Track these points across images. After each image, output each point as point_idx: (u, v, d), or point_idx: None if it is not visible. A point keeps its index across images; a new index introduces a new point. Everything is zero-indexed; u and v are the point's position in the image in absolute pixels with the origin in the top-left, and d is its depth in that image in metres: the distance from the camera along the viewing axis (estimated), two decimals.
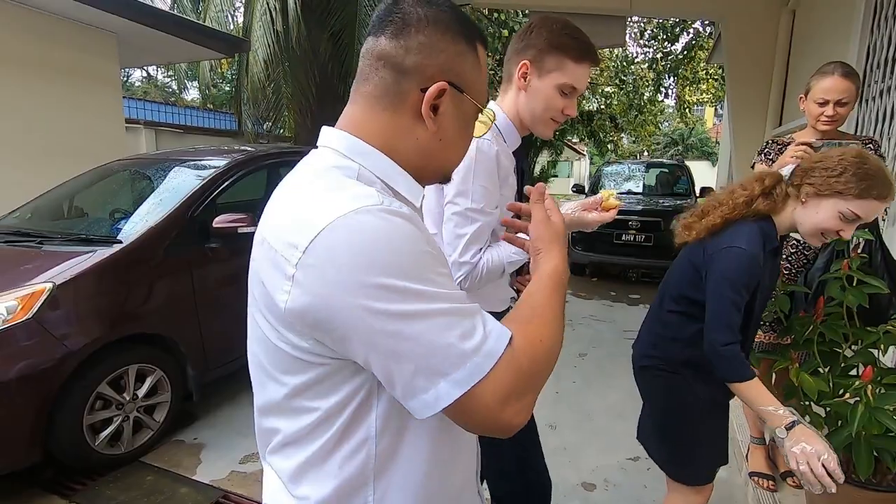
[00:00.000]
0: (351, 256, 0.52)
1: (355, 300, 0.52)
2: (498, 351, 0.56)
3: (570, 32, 1.18)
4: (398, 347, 0.53)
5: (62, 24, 4.78)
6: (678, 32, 10.89)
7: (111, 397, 2.36)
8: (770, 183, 1.34)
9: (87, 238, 2.61)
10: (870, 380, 1.35)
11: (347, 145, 0.64)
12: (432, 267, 0.56)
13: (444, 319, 0.54)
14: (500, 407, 0.55)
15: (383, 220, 0.54)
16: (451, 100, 0.64)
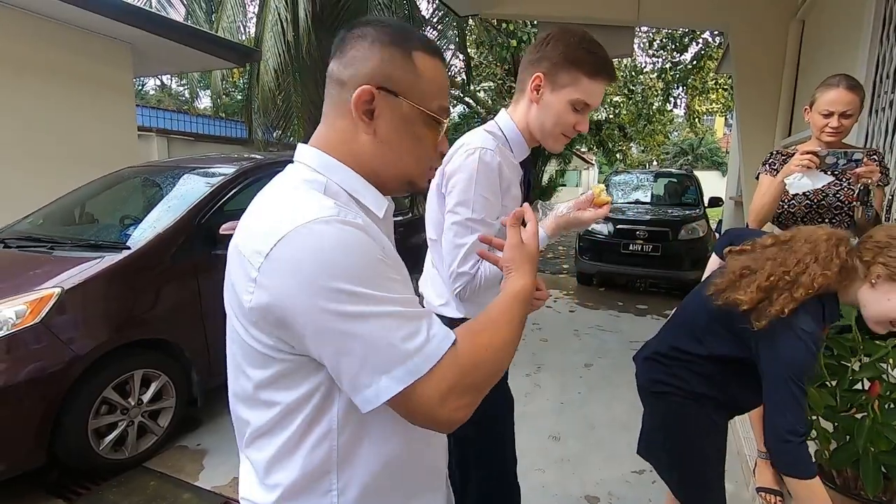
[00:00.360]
0: (307, 261, 0.58)
1: (309, 300, 0.58)
2: (438, 353, 0.61)
3: (587, 47, 1.16)
4: (346, 345, 0.59)
5: (78, 34, 4.89)
6: (687, 42, 10.89)
7: (116, 402, 2.38)
8: (846, 256, 1.13)
9: (97, 244, 2.65)
10: (877, 395, 1.32)
11: (317, 161, 0.71)
12: (383, 273, 0.62)
13: (390, 321, 0.60)
14: (439, 403, 0.61)
15: (338, 230, 0.60)
16: (385, 103, 0.70)
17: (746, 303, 1.15)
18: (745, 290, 1.17)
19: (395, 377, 0.59)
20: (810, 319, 1.11)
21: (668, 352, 1.39)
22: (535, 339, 4.36)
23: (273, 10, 7.81)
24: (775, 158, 2.02)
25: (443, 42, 11.83)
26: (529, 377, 3.58)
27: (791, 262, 1.14)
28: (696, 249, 5.70)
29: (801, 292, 1.10)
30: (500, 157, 1.20)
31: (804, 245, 1.16)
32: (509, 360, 0.71)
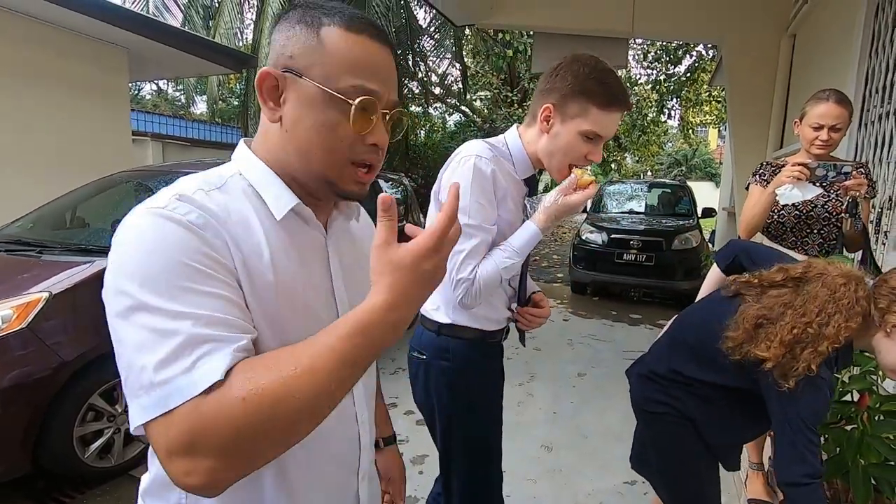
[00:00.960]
0: (113, 253, 0.55)
1: (104, 293, 0.55)
2: (191, 390, 0.48)
3: (597, 77, 1.14)
4: (117, 352, 0.53)
5: (73, 38, 4.89)
6: (681, 55, 11.03)
7: (103, 409, 2.34)
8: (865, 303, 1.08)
9: (87, 248, 2.62)
10: (866, 407, 1.32)
11: (237, 153, 0.69)
12: (180, 280, 0.52)
13: (151, 337, 0.50)
14: (165, 455, 0.49)
15: (151, 223, 0.54)
16: (291, 87, 0.62)
17: (771, 360, 1.07)
18: (765, 344, 1.09)
19: (144, 405, 0.49)
20: (825, 367, 1.07)
21: (666, 373, 1.36)
22: (529, 348, 4.35)
23: (270, 17, 7.85)
24: (765, 169, 2.04)
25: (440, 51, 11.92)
26: (522, 386, 3.57)
27: (812, 312, 1.07)
28: (689, 260, 5.72)
29: (826, 345, 1.04)
30: (494, 166, 1.20)
31: (822, 290, 1.10)
32: (311, 420, 0.52)
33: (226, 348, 0.51)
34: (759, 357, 1.09)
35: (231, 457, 0.49)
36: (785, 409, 1.08)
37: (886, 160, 2.35)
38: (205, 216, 0.57)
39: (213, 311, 0.53)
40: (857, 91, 2.73)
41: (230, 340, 0.52)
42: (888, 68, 2.44)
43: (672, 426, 1.35)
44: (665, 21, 4.45)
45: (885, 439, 1.32)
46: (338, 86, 0.61)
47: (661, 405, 1.36)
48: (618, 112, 1.17)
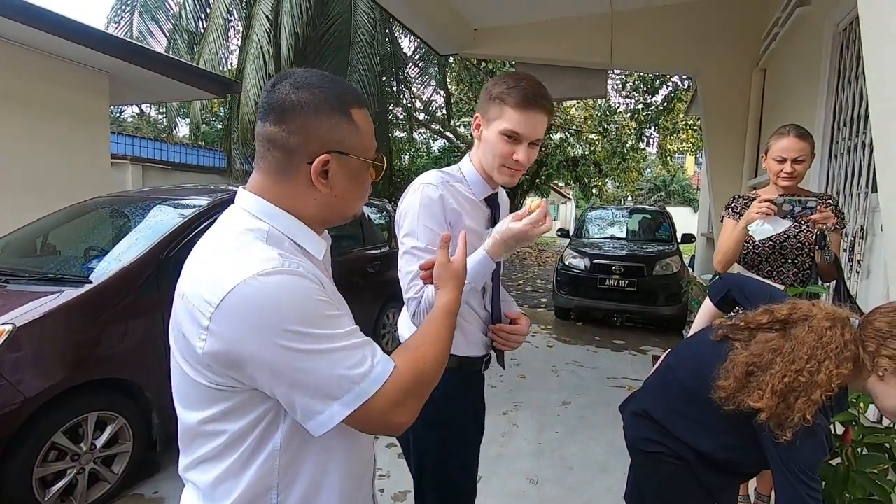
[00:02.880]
0: (255, 310, 0.66)
1: (261, 344, 0.66)
2: (383, 377, 0.71)
3: (511, 82, 1.21)
4: (299, 380, 0.67)
5: (53, 62, 4.84)
6: (658, 85, 11.39)
7: (67, 448, 2.22)
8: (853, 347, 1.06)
9: (56, 277, 2.53)
10: (850, 442, 1.32)
11: (259, 208, 0.77)
12: (325, 312, 0.70)
13: (338, 355, 0.69)
14: (387, 415, 0.72)
15: (279, 279, 0.67)
16: (337, 163, 0.77)
17: (764, 411, 1.06)
18: (758, 394, 1.08)
19: (346, 402, 0.69)
20: (821, 415, 1.05)
21: (661, 417, 1.34)
22: (513, 376, 4.30)
23: (255, 44, 7.91)
24: (737, 202, 2.11)
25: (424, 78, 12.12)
26: (507, 415, 3.51)
27: (801, 359, 1.06)
28: (670, 285, 5.79)
29: (819, 393, 1.03)
30: (443, 191, 1.24)
31: (809, 335, 1.08)
32: (444, 364, 0.82)
33: (376, 345, 0.75)
34: (753, 408, 1.07)
35: (423, 396, 0.77)
36: (784, 458, 1.06)
37: (857, 191, 2.42)
38: (303, 264, 0.72)
39: (349, 326, 0.73)
40: (825, 124, 2.83)
41: (372, 341, 0.75)
42: (854, 102, 2.53)
43: (667, 466, 1.32)
44: (642, 54, 4.59)
45: (870, 474, 1.31)
46: (370, 154, 0.81)
47: (656, 444, 1.34)
48: (532, 112, 1.20)
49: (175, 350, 0.75)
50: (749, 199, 2.06)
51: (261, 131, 0.77)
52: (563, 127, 15.66)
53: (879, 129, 1.30)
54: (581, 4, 4.39)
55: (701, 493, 1.30)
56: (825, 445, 1.05)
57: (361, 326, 0.77)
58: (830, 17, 2.75)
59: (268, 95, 0.76)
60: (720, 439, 1.23)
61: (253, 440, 0.73)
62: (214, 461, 0.75)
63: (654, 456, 1.34)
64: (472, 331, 1.34)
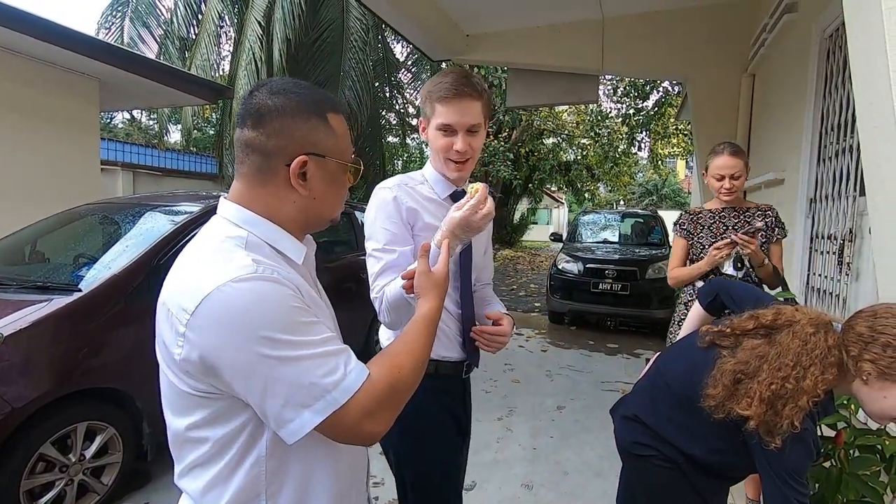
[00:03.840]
0: (228, 316, 0.67)
1: (235, 350, 0.66)
2: (354, 387, 0.71)
3: (437, 79, 1.27)
4: (270, 387, 0.68)
5: (43, 68, 4.80)
6: (648, 91, 11.50)
7: (55, 459, 2.18)
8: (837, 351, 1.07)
9: (45, 285, 2.50)
10: (843, 444, 1.32)
11: (239, 216, 0.79)
12: (300, 319, 0.70)
13: (309, 363, 0.69)
14: (359, 426, 0.72)
15: (253, 286, 0.68)
16: (315, 165, 0.79)
17: (753, 418, 1.06)
18: (746, 401, 1.09)
19: (317, 410, 0.69)
20: (809, 420, 1.06)
21: (653, 422, 1.35)
22: (507, 381, 4.29)
23: (248, 50, 7.90)
24: (685, 219, 2.28)
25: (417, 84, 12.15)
26: (501, 421, 3.50)
27: (787, 366, 1.07)
28: (663, 288, 5.81)
29: (806, 399, 1.04)
30: (397, 192, 1.28)
31: (793, 341, 1.09)
32: (422, 373, 0.82)
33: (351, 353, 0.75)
34: (742, 416, 1.08)
35: (398, 405, 0.77)
36: (773, 465, 1.07)
37: (845, 194, 2.45)
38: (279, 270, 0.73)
39: (325, 333, 0.73)
40: (813, 128, 2.86)
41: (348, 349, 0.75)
42: (842, 107, 2.56)
43: (658, 469, 1.32)
44: (632, 60, 4.63)
45: (863, 476, 1.31)
46: (347, 157, 0.83)
47: (647, 448, 1.34)
48: (459, 101, 1.23)
49: (160, 358, 0.77)
50: (696, 215, 2.24)
51: (239, 137, 0.79)
52: (555, 132, 15.75)
53: (866, 133, 1.32)
54: (572, 11, 4.42)
55: (692, 496, 1.31)
56: (812, 451, 1.07)
57: (354, 333, 0.77)
58: (817, 24, 2.79)
59: (245, 102, 0.79)
60: (710, 444, 1.24)
61: (239, 446, 0.74)
62: (203, 468, 0.76)
63: (645, 459, 1.35)
64: (448, 332, 1.33)
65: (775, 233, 2.12)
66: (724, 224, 2.17)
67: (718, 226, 2.18)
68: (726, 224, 2.16)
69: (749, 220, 2.12)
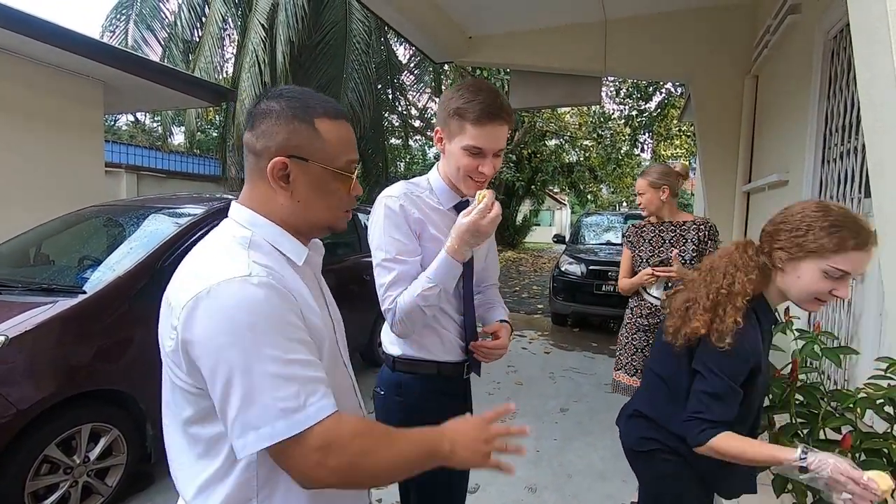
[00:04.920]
0: (215, 315, 0.68)
1: (210, 348, 0.68)
2: (305, 423, 0.67)
3: (469, 96, 1.20)
4: (228, 394, 0.67)
5: (47, 71, 4.83)
6: (651, 92, 11.48)
7: (60, 460, 2.19)
8: (756, 256, 1.25)
9: (50, 287, 2.51)
10: (849, 447, 1.32)
11: (245, 217, 0.82)
12: (281, 332, 0.69)
13: (269, 381, 0.67)
14: (301, 466, 0.68)
15: (243, 288, 0.69)
16: (298, 169, 0.80)
17: (702, 326, 1.22)
18: (695, 319, 1.25)
19: (261, 435, 0.67)
20: (749, 319, 1.22)
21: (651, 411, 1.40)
22: (510, 383, 4.29)
23: (251, 53, 7.93)
24: (630, 231, 2.56)
25: (419, 86, 12.17)
26: (504, 423, 3.49)
27: (719, 278, 1.26)
28: None
29: (740, 300, 1.21)
30: (403, 202, 1.26)
31: (721, 259, 1.30)
32: (384, 480, 0.76)
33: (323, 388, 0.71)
34: (694, 329, 1.23)
35: (350, 472, 0.71)
36: (706, 358, 1.22)
37: (850, 196, 2.44)
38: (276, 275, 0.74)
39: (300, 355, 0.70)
40: (817, 129, 2.85)
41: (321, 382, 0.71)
42: (846, 109, 2.55)
43: (664, 463, 1.36)
44: (635, 62, 4.63)
45: None
46: (338, 164, 0.82)
47: (651, 441, 1.38)
48: (492, 125, 1.20)
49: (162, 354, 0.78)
50: (640, 228, 2.52)
51: (243, 140, 0.85)
52: (557, 133, 15.75)
53: (871, 135, 1.32)
54: (575, 13, 4.42)
55: (697, 483, 1.35)
56: (747, 348, 1.20)
57: (357, 334, 0.77)
58: (821, 25, 2.78)
59: (252, 106, 0.84)
60: None
61: (230, 448, 0.73)
62: (195, 468, 0.76)
63: (651, 454, 1.38)
64: (450, 337, 1.35)
65: (708, 245, 2.33)
66: (661, 238, 2.42)
67: (657, 239, 2.43)
68: (663, 238, 2.41)
69: (685, 234, 2.38)
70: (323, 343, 0.80)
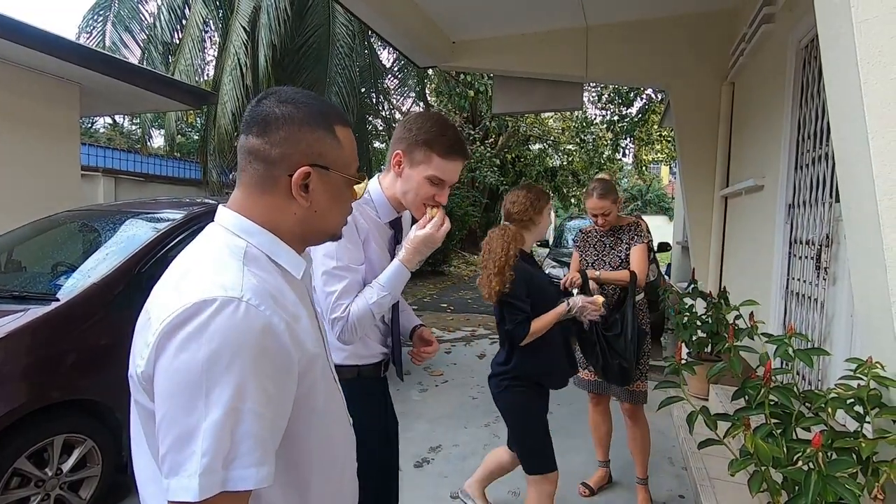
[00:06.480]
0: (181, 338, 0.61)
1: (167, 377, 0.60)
2: (211, 489, 0.59)
3: (438, 129, 1.31)
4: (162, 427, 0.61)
5: (21, 72, 4.71)
6: (632, 98, 11.65)
7: (31, 473, 2.13)
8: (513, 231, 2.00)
9: (21, 295, 2.44)
10: (820, 446, 1.35)
11: (238, 225, 0.75)
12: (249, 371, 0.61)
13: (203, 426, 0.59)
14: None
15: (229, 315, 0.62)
16: (318, 177, 0.77)
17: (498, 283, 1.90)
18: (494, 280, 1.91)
19: (170, 488, 0.60)
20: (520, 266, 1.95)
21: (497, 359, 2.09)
22: None
23: (233, 55, 7.85)
24: (579, 237, 2.78)
25: (403, 90, 12.18)
26: (488, 427, 3.49)
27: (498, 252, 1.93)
28: (648, 293, 5.87)
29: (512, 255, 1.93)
30: (355, 210, 1.30)
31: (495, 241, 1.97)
32: None
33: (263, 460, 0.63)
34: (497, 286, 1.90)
35: None
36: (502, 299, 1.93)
37: (822, 200, 2.51)
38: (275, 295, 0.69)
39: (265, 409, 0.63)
40: (791, 136, 2.93)
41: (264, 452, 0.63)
42: (818, 115, 2.63)
43: (512, 390, 2.01)
44: (616, 68, 4.70)
45: (840, 478, 1.34)
46: (352, 171, 0.82)
47: (500, 377, 2.02)
48: (457, 160, 1.33)
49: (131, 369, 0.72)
50: (587, 234, 2.74)
51: (243, 144, 0.77)
52: (541, 138, 15.89)
53: (839, 142, 1.36)
54: (557, 19, 4.48)
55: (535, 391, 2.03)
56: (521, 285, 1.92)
57: None
58: (793, 35, 2.86)
59: (252, 109, 0.77)
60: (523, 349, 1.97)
61: None
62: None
63: (506, 389, 2.02)
64: (372, 343, 1.44)
65: (633, 241, 2.57)
66: (603, 242, 2.66)
67: (600, 244, 2.66)
68: (604, 242, 2.65)
69: (621, 236, 2.61)
70: (315, 364, 0.75)
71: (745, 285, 3.57)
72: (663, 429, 3.48)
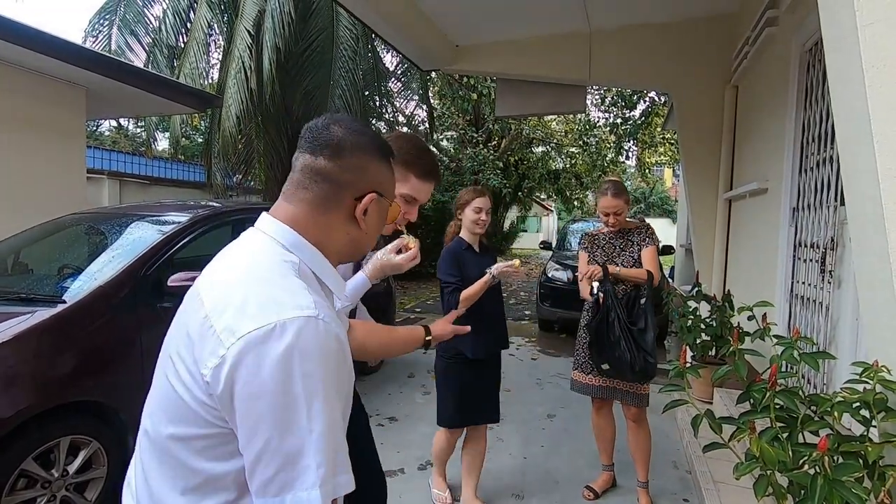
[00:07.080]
0: (270, 358, 0.62)
1: (256, 398, 0.62)
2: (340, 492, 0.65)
3: (416, 153, 1.37)
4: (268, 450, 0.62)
5: (29, 77, 4.75)
6: (635, 100, 11.65)
7: (37, 475, 2.14)
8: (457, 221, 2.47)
9: (28, 297, 2.46)
10: (825, 450, 1.34)
11: (289, 239, 0.77)
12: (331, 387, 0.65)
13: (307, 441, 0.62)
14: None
15: (312, 333, 0.64)
16: (375, 203, 0.83)
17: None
18: None
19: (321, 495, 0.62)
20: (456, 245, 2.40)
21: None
22: None
23: (237, 59, 7.88)
24: (586, 240, 2.80)
25: (407, 93, 12.20)
26: (492, 430, 3.48)
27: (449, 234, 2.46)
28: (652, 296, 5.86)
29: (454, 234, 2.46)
30: None
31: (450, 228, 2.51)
32: None
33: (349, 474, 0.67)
34: None
35: None
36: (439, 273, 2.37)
37: (826, 204, 2.50)
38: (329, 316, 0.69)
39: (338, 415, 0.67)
40: (795, 139, 2.92)
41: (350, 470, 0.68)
42: (822, 119, 2.62)
43: (438, 359, 2.43)
44: (619, 70, 4.70)
45: (846, 482, 1.33)
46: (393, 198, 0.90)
47: (441, 361, 2.41)
48: (433, 182, 1.40)
49: (174, 354, 0.70)
50: (594, 237, 2.75)
51: (310, 164, 0.79)
52: (544, 141, 15.89)
53: (844, 145, 1.36)
54: (560, 23, 4.49)
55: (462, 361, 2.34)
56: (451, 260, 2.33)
57: None
58: (797, 38, 2.86)
59: (321, 133, 0.80)
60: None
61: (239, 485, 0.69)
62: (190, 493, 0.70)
63: (437, 358, 2.42)
64: None
65: (645, 242, 2.60)
66: (612, 245, 2.66)
67: (609, 247, 2.67)
68: (614, 244, 2.65)
69: (631, 238, 2.63)
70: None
71: (750, 288, 3.56)
72: (667, 432, 3.47)
